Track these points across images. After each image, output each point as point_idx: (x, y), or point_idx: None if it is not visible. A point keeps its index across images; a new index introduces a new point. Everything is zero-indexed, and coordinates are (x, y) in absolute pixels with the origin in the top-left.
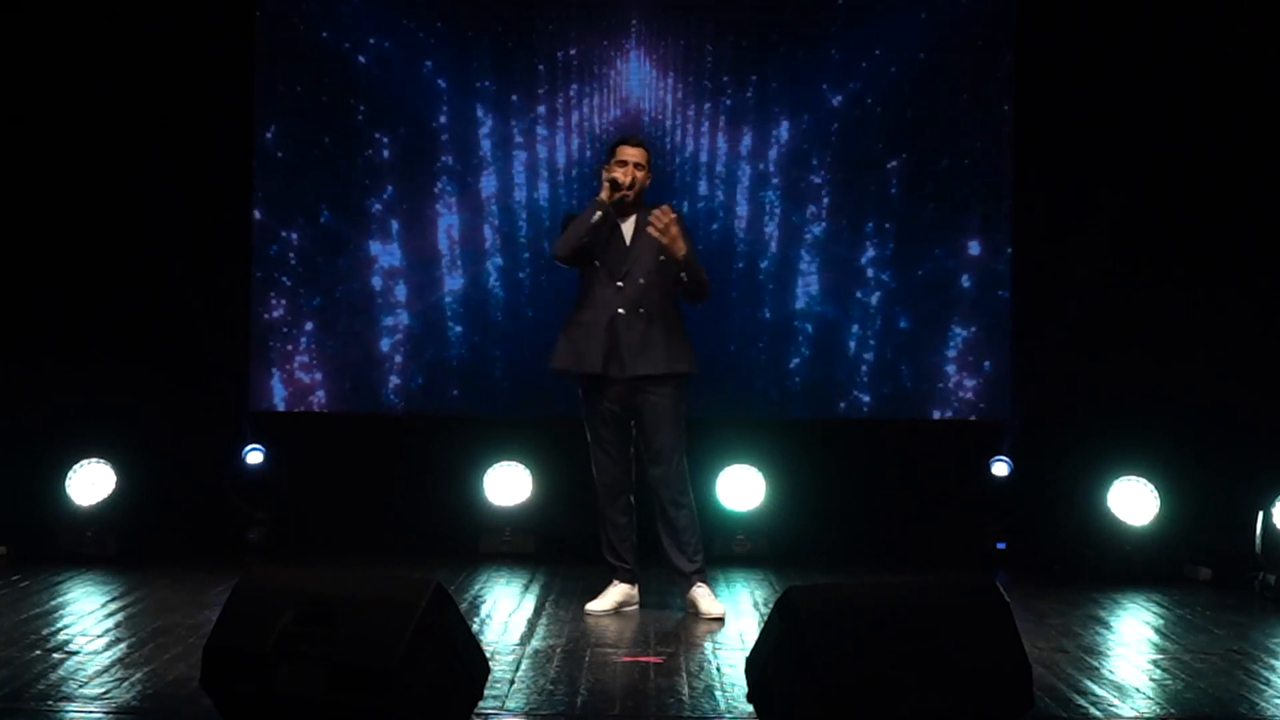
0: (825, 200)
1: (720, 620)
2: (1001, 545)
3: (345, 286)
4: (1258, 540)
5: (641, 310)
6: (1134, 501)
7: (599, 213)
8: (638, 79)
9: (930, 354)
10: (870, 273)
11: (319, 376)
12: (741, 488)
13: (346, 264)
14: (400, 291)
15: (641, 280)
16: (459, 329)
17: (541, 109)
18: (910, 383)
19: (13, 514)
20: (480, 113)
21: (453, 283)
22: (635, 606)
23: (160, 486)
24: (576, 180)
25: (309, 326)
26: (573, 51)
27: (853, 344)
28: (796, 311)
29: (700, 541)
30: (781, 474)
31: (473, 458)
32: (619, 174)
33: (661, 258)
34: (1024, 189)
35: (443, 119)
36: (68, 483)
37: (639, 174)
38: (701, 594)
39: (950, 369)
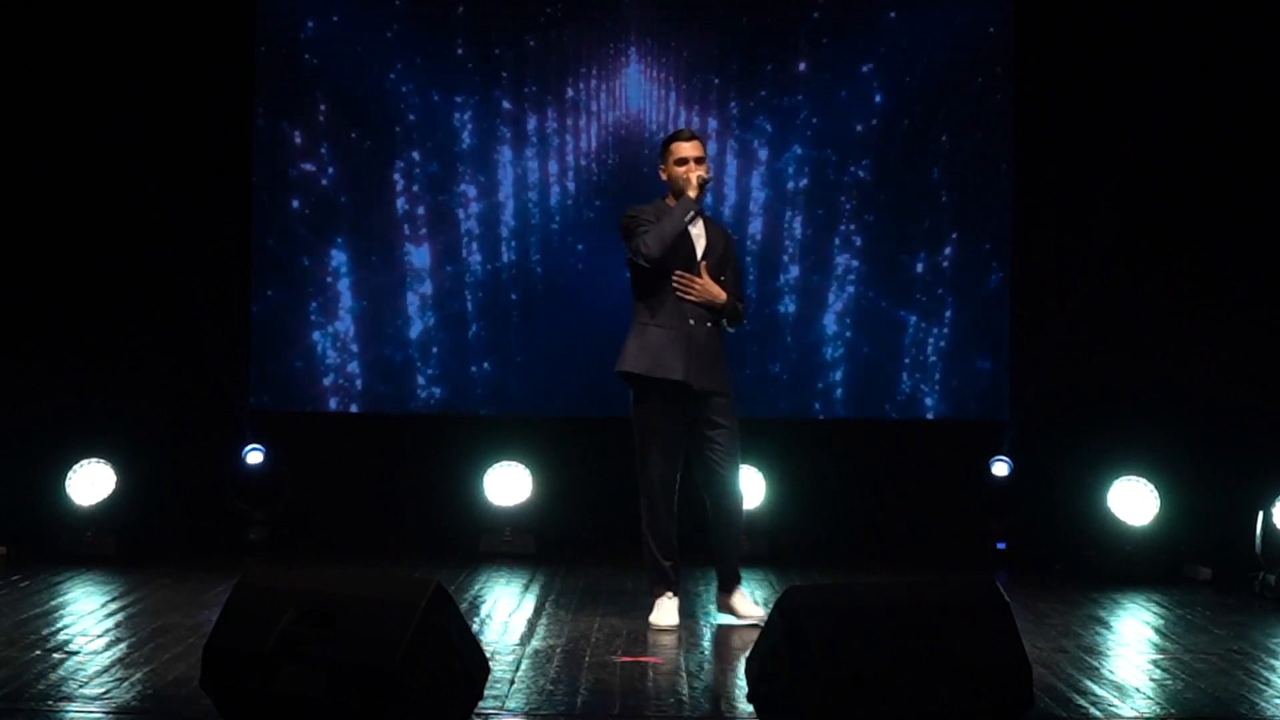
0: (825, 201)
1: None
2: (1001, 545)
3: (345, 287)
4: (1258, 540)
5: (710, 324)
6: (1134, 501)
7: (691, 212)
8: (637, 88)
9: (930, 354)
10: (870, 273)
11: (319, 376)
12: (741, 488)
13: (346, 265)
14: (400, 292)
15: None
16: (460, 329)
17: (546, 108)
18: (910, 382)
19: (13, 514)
20: (483, 111)
21: (454, 283)
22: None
23: (160, 486)
24: (577, 178)
25: (309, 327)
26: (569, 63)
27: (853, 344)
28: (797, 312)
29: (741, 548)
30: (781, 474)
31: (473, 458)
32: (702, 171)
33: (722, 277)
34: (1024, 189)
35: (442, 117)
36: (68, 483)
37: (702, 167)
38: (741, 597)
39: (950, 368)
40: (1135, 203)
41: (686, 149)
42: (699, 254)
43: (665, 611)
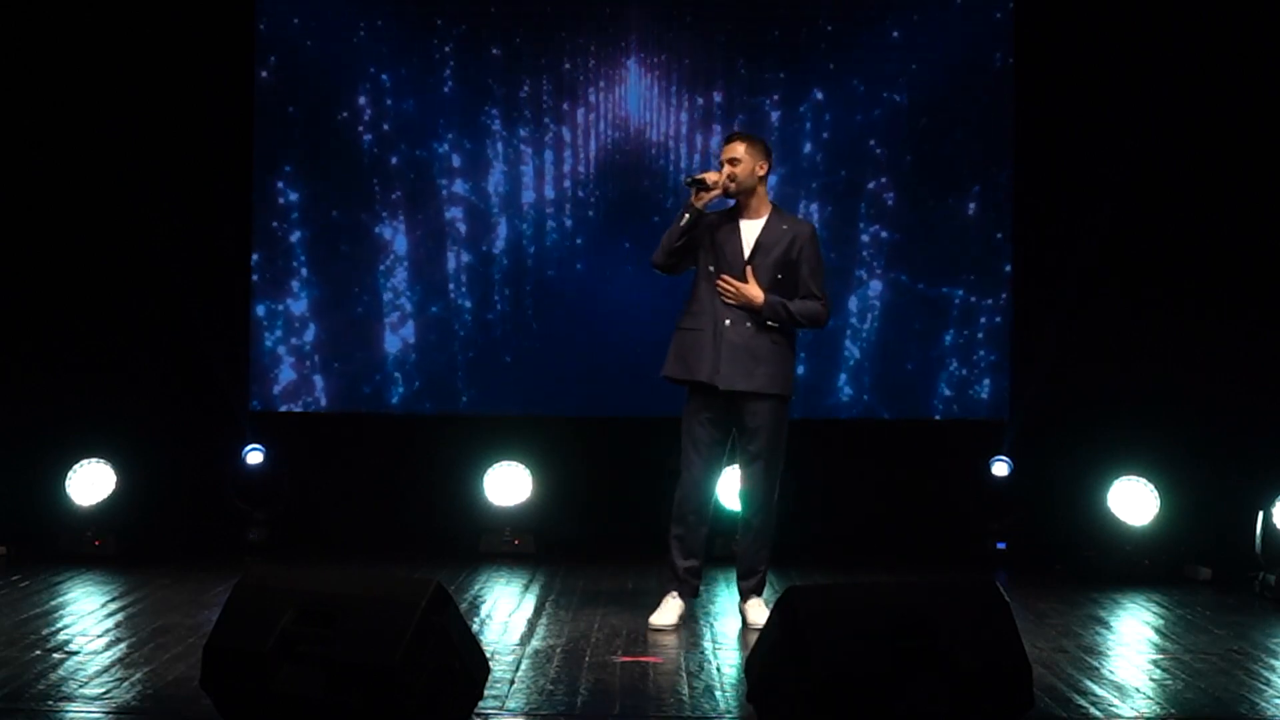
0: (825, 200)
1: None
2: (1001, 545)
3: (345, 287)
4: (1258, 540)
5: (749, 324)
6: (1134, 501)
7: (686, 215)
8: (636, 93)
9: (930, 354)
10: (870, 273)
11: (319, 376)
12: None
13: (346, 264)
14: (400, 291)
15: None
16: (460, 328)
17: (547, 103)
18: (910, 383)
19: (13, 514)
20: (484, 111)
21: (454, 282)
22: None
23: (160, 486)
24: (578, 180)
25: (309, 326)
26: (566, 67)
27: (853, 344)
28: None
29: (771, 555)
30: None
31: (473, 458)
32: (710, 174)
33: (780, 275)
34: (1024, 190)
35: (444, 120)
36: (68, 483)
37: (734, 168)
38: (753, 606)
39: (950, 368)
40: (1135, 204)
41: (724, 152)
42: (746, 255)
43: (667, 611)
